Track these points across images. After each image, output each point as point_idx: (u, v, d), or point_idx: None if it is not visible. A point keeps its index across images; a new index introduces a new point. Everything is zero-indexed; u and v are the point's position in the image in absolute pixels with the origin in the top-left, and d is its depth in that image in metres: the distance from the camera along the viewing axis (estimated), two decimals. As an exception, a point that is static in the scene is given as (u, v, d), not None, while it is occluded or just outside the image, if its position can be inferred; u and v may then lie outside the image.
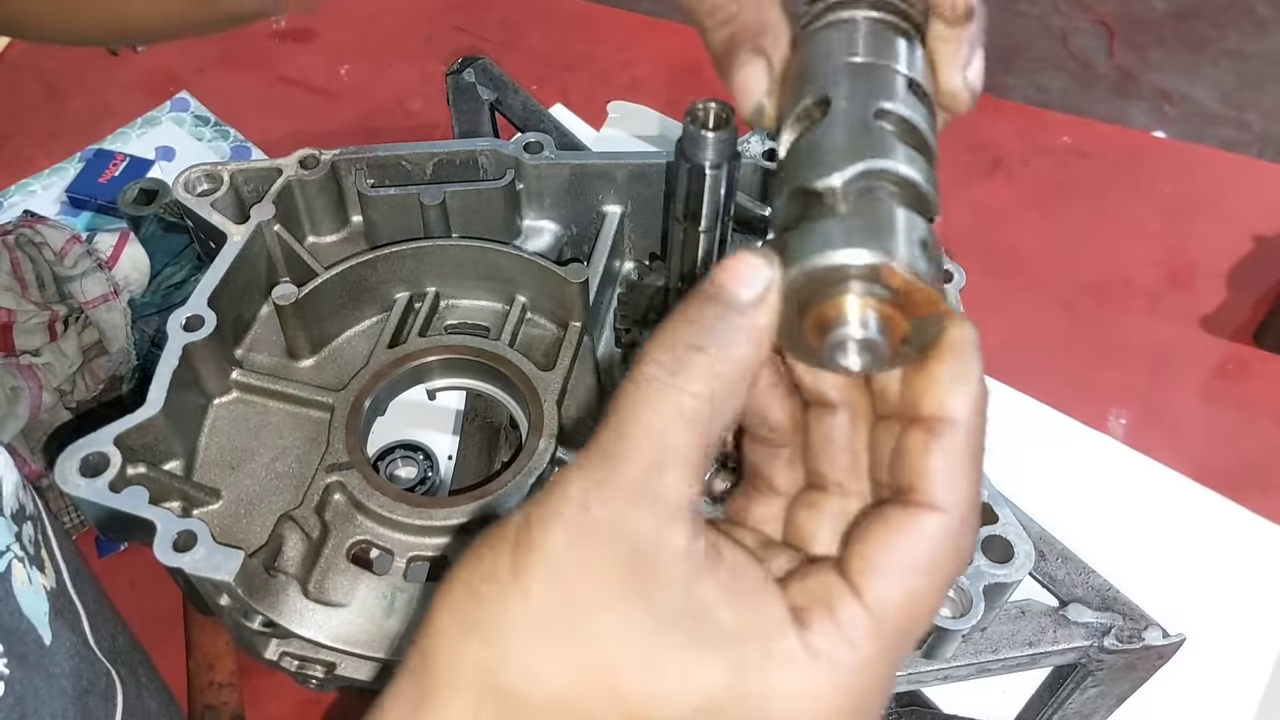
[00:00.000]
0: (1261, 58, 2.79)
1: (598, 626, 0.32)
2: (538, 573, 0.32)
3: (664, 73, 1.28)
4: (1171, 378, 1.06)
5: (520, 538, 0.33)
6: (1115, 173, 1.22)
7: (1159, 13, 2.89)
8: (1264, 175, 1.27)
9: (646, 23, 1.39)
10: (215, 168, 0.70)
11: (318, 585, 0.60)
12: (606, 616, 0.32)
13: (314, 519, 0.61)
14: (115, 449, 0.57)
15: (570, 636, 0.32)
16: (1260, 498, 0.96)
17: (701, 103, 0.50)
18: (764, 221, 0.72)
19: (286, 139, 1.19)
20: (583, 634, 0.32)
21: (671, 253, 0.58)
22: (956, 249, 1.08)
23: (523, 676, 0.32)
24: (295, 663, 0.61)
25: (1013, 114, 1.30)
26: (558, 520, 0.32)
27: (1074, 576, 0.67)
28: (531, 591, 0.32)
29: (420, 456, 0.73)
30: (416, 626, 0.34)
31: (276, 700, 0.83)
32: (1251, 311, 1.10)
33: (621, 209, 0.73)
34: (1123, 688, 0.69)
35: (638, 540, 0.32)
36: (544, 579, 0.32)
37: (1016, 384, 1.03)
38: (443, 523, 0.61)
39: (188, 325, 0.62)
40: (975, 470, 0.33)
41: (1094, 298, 1.12)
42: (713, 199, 0.53)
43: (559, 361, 0.68)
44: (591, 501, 0.32)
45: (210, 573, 0.53)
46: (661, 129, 1.19)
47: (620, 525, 0.32)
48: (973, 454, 0.33)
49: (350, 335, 0.72)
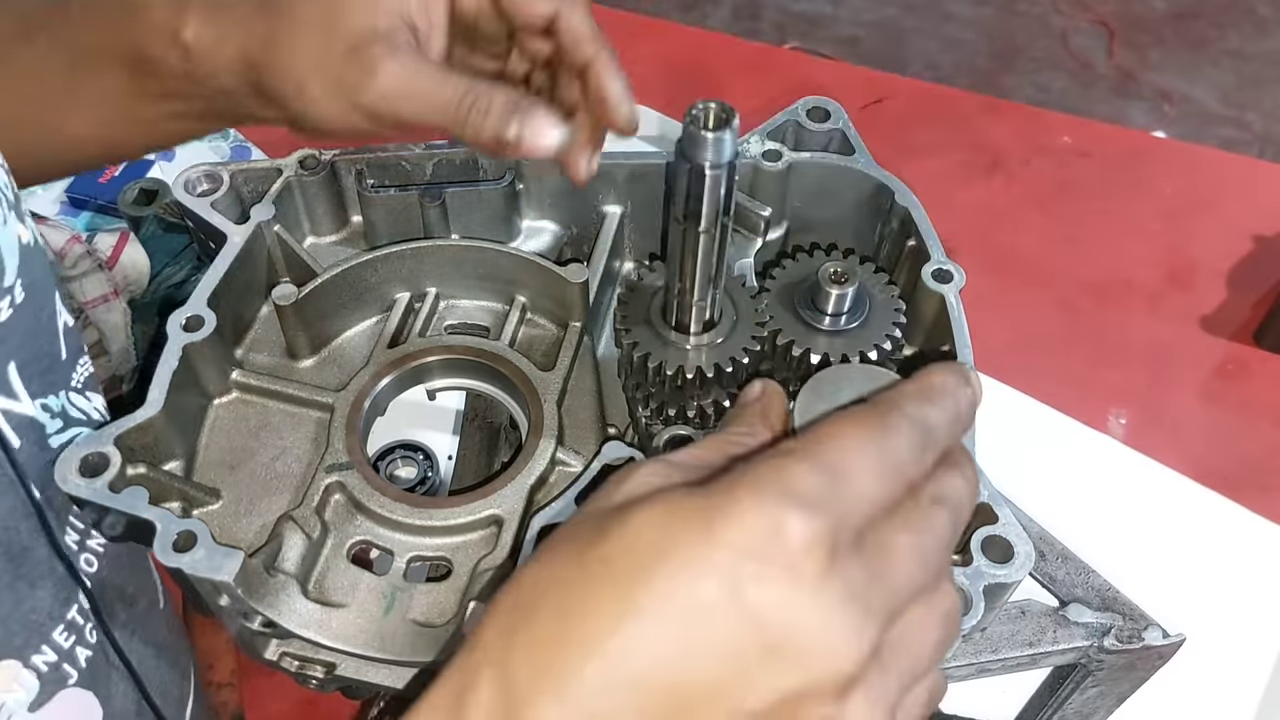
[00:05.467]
0: (1261, 58, 2.79)
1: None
2: None
3: (664, 73, 1.28)
4: (1171, 378, 1.06)
5: None
6: (1115, 173, 1.22)
7: (1159, 13, 2.89)
8: (1264, 175, 1.27)
9: (646, 23, 1.39)
10: (215, 168, 0.70)
11: (317, 585, 0.60)
12: None
13: (314, 519, 0.61)
14: (115, 449, 0.57)
15: None
16: (1260, 498, 0.96)
17: (701, 103, 0.50)
18: (763, 221, 0.72)
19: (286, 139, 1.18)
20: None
21: (671, 253, 0.58)
22: (956, 249, 1.08)
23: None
24: (295, 663, 0.61)
25: (1013, 114, 1.30)
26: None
27: (1074, 576, 0.67)
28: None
29: (420, 456, 0.73)
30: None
31: (276, 700, 0.83)
32: (1251, 311, 1.10)
33: (621, 209, 0.73)
34: (1123, 688, 0.69)
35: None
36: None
37: (1016, 384, 1.03)
38: (443, 523, 0.61)
39: (188, 325, 0.62)
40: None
41: (1094, 298, 1.12)
42: (712, 199, 0.52)
43: (559, 361, 0.68)
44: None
45: (210, 573, 0.53)
46: (661, 129, 1.19)
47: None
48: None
49: (350, 335, 0.72)
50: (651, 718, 0.34)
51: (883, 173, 0.71)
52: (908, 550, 0.38)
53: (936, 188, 1.03)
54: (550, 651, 0.35)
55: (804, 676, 0.34)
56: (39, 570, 0.53)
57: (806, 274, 0.66)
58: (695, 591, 0.34)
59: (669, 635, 0.34)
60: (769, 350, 0.64)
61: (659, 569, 0.35)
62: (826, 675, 0.35)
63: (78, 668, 0.56)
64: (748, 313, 0.63)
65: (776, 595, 0.34)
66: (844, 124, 0.73)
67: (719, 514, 0.35)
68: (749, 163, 0.71)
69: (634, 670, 0.34)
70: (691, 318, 0.61)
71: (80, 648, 0.56)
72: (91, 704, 0.58)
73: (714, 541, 0.35)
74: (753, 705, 0.34)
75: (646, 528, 0.36)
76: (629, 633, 0.34)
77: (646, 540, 0.35)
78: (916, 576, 0.38)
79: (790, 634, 0.34)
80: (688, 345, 0.62)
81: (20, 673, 0.52)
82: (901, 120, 1.26)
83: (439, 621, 0.59)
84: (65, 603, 0.55)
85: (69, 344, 0.57)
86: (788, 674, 0.34)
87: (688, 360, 0.61)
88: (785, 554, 0.35)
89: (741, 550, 0.34)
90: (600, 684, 0.34)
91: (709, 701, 0.34)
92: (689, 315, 0.61)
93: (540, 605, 0.36)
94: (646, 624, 0.34)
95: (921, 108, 1.29)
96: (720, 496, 0.36)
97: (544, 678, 0.35)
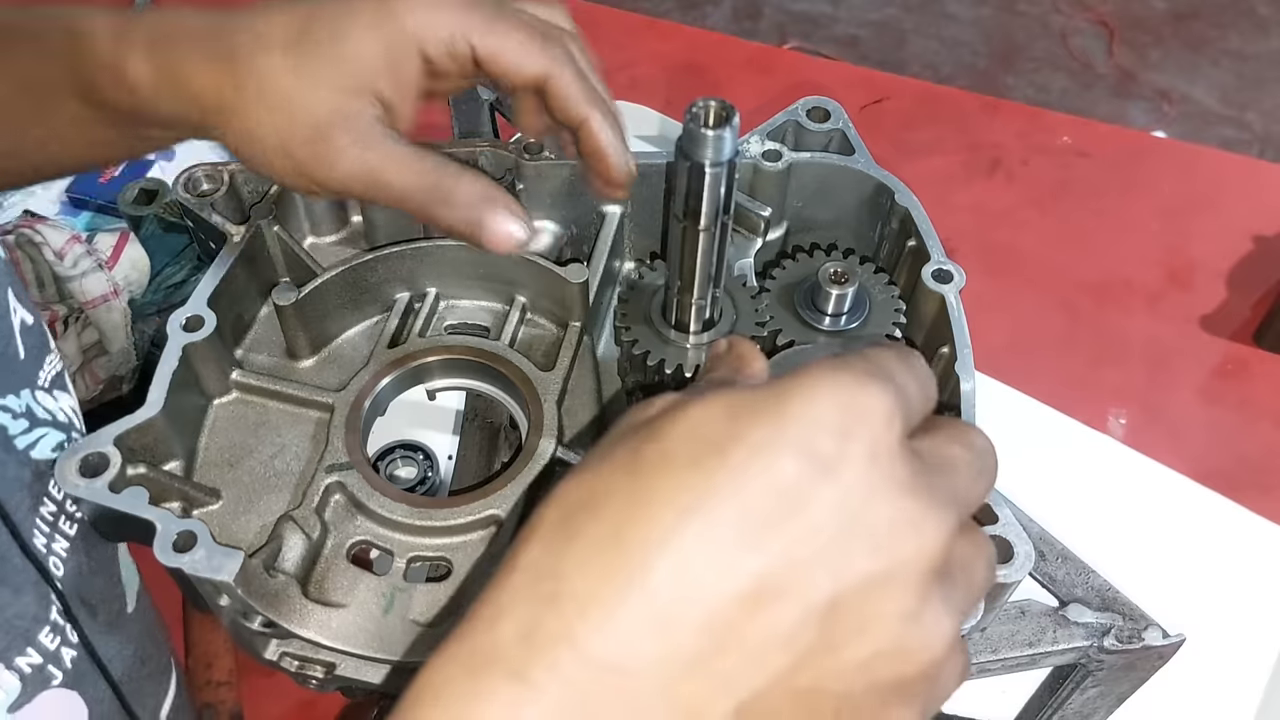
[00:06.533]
0: (1261, 58, 2.79)
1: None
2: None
3: (663, 72, 1.28)
4: (1171, 378, 1.06)
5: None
6: (1115, 173, 1.22)
7: (1159, 13, 2.89)
8: (1264, 175, 1.27)
9: (646, 23, 1.39)
10: (215, 168, 0.70)
11: (317, 585, 0.60)
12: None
13: (314, 519, 0.61)
14: (115, 449, 0.57)
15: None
16: (1260, 498, 0.96)
17: (702, 100, 0.50)
18: (763, 221, 0.72)
19: (286, 139, 1.19)
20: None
21: (671, 251, 0.58)
22: (956, 249, 1.08)
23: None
24: (295, 663, 0.61)
25: (1013, 114, 1.30)
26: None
27: (1074, 576, 0.67)
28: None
29: (420, 456, 0.73)
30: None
31: (275, 700, 0.83)
32: (1251, 311, 1.10)
33: (621, 209, 0.73)
34: (1123, 688, 0.69)
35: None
36: None
37: (1016, 384, 1.03)
38: (443, 523, 0.61)
39: (188, 325, 0.62)
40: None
41: (1094, 298, 1.12)
42: (713, 197, 0.53)
43: (559, 361, 0.68)
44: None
45: (210, 573, 0.53)
46: (661, 129, 1.19)
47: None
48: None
49: (350, 335, 0.72)
50: (727, 607, 0.31)
51: (883, 173, 0.71)
52: (964, 462, 0.36)
53: (936, 188, 1.04)
54: (610, 555, 0.32)
55: (889, 560, 0.32)
56: (19, 576, 0.52)
57: (806, 274, 0.66)
58: (774, 471, 0.32)
59: (747, 519, 0.31)
60: (769, 350, 0.64)
61: (733, 450, 0.32)
62: (911, 561, 0.33)
63: (63, 668, 0.55)
64: (748, 312, 0.63)
65: (861, 471, 0.32)
66: (844, 124, 0.73)
67: (789, 395, 0.33)
68: (749, 163, 0.71)
69: (709, 560, 0.31)
70: (691, 317, 0.61)
71: (65, 648, 0.56)
72: (77, 704, 0.57)
73: (788, 419, 0.32)
74: (833, 590, 0.32)
75: (708, 418, 0.33)
76: (703, 520, 0.31)
77: (711, 429, 0.33)
78: (972, 491, 0.36)
79: (878, 512, 0.32)
80: (688, 344, 0.62)
81: (1, 675, 0.51)
82: (901, 120, 1.26)
83: (439, 621, 0.59)
84: (46, 605, 0.54)
85: (28, 342, 0.55)
86: (872, 556, 0.32)
87: (688, 359, 0.61)
88: (866, 428, 0.32)
89: (821, 425, 0.32)
90: (671, 578, 0.31)
91: (787, 586, 0.32)
92: (689, 314, 0.61)
93: (594, 509, 0.33)
94: (722, 509, 0.31)
95: (921, 108, 1.29)
96: (786, 382, 0.34)
97: (606, 584, 0.32)
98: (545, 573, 0.33)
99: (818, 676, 0.33)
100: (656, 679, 0.32)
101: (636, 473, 0.33)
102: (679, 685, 0.32)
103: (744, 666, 0.32)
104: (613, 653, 0.31)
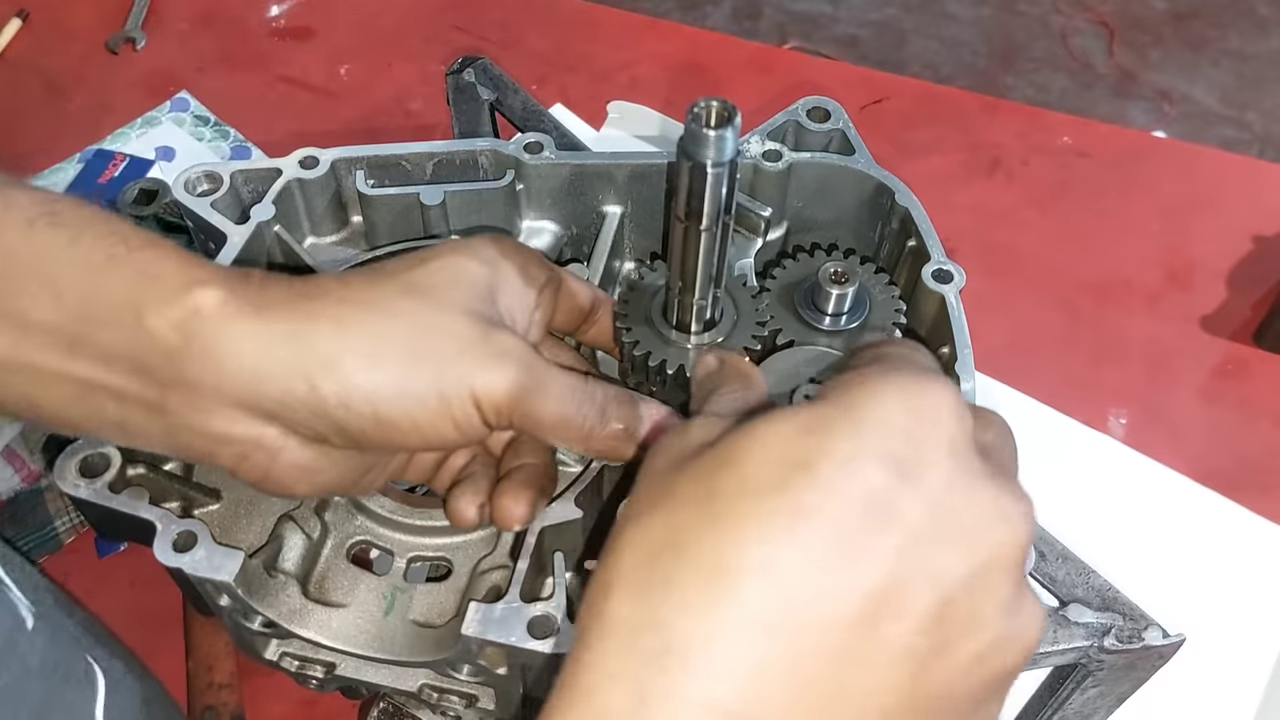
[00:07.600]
0: (1261, 58, 2.79)
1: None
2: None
3: (664, 72, 1.27)
4: (1171, 378, 1.06)
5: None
6: (1115, 173, 1.22)
7: (1159, 13, 2.89)
8: (1264, 175, 1.27)
9: (646, 23, 1.39)
10: (215, 168, 0.70)
11: (317, 585, 0.60)
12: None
13: (314, 519, 0.61)
14: (115, 449, 0.57)
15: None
16: (1260, 498, 0.96)
17: (704, 100, 0.50)
18: (764, 221, 0.72)
19: (286, 139, 1.19)
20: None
21: (672, 251, 0.58)
22: (956, 249, 1.08)
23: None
24: (295, 663, 0.61)
25: (1013, 114, 1.29)
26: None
27: (1074, 576, 0.67)
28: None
29: (420, 456, 0.73)
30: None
31: (276, 700, 0.83)
32: (1251, 311, 1.10)
33: (622, 209, 0.73)
34: (1123, 688, 0.69)
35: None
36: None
37: (1016, 384, 1.03)
38: (443, 523, 0.61)
39: (188, 325, 0.62)
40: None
41: (1094, 298, 1.12)
42: (714, 197, 0.52)
43: (559, 361, 0.68)
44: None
45: (210, 573, 0.53)
46: (662, 129, 1.19)
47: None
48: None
49: (350, 335, 0.72)
50: (843, 632, 0.31)
51: (883, 173, 0.71)
52: (1005, 444, 0.37)
53: (936, 188, 1.03)
54: (711, 596, 0.31)
55: (986, 554, 0.32)
56: None
57: (806, 274, 0.66)
58: (864, 481, 0.31)
59: (843, 536, 0.31)
60: (769, 350, 0.64)
61: (821, 465, 0.31)
62: (1005, 552, 0.33)
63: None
64: (748, 312, 0.63)
65: (944, 471, 0.32)
66: (844, 124, 0.73)
67: (860, 405, 0.33)
68: (749, 163, 0.70)
69: (814, 586, 0.30)
70: (692, 317, 0.61)
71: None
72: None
73: (865, 428, 0.32)
74: (939, 595, 0.31)
75: (783, 437, 0.33)
76: (799, 544, 0.31)
77: (789, 447, 0.32)
78: (1014, 470, 0.37)
79: (966, 508, 0.32)
80: (688, 344, 0.62)
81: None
82: (901, 120, 1.26)
83: (439, 621, 0.59)
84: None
85: None
86: (970, 554, 0.32)
87: (688, 359, 0.61)
88: (941, 427, 0.33)
89: (897, 430, 0.32)
90: (780, 610, 0.30)
91: (896, 599, 0.31)
92: (690, 314, 0.61)
93: (679, 549, 0.32)
94: (817, 529, 0.31)
95: (921, 108, 1.29)
96: (849, 393, 0.33)
97: (713, 628, 0.30)
98: (643, 625, 0.31)
99: (932, 683, 0.32)
100: (785, 715, 0.30)
101: (715, 504, 0.32)
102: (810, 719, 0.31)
103: (871, 688, 0.31)
104: (735, 698, 0.30)
